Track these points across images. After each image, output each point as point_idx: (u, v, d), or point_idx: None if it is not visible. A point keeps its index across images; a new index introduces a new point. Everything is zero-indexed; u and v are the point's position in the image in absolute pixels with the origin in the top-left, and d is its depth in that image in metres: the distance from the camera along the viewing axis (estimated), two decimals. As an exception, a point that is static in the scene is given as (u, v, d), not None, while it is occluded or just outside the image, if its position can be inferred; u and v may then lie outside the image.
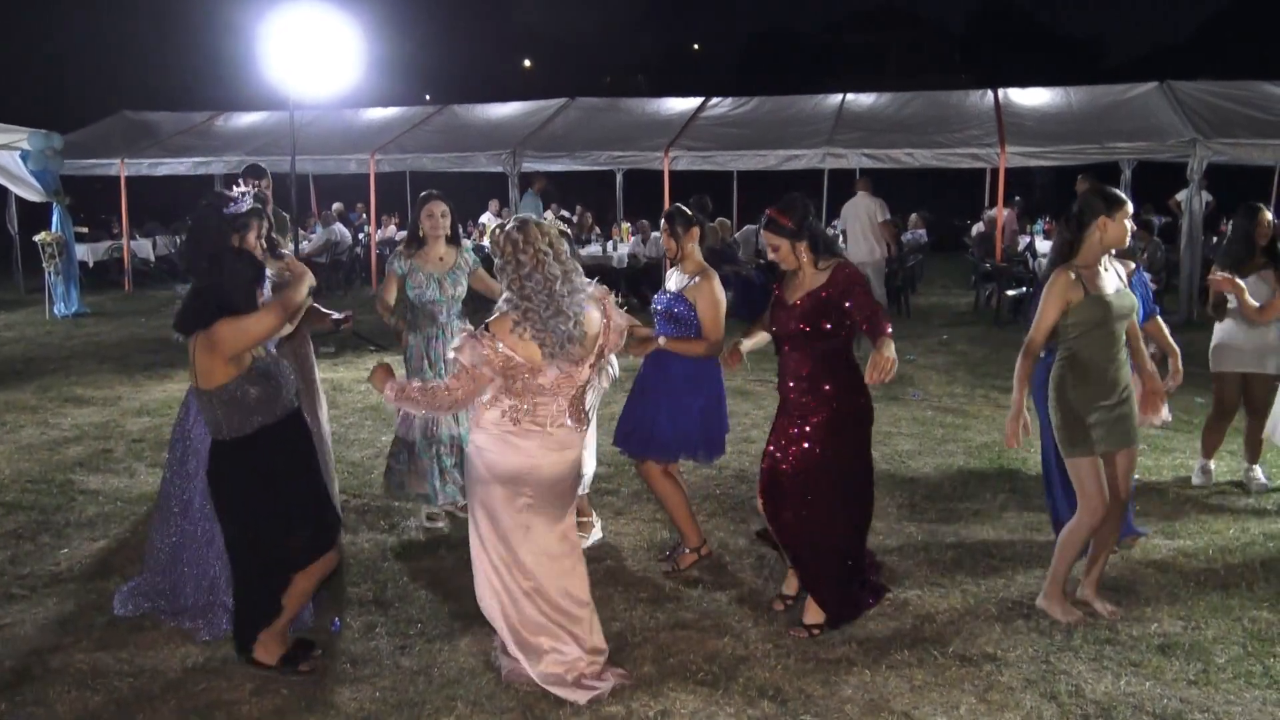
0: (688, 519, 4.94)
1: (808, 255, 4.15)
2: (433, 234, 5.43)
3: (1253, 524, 5.49)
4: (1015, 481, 6.26)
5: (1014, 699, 3.72)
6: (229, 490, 3.81)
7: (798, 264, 4.17)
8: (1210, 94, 13.68)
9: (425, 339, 5.46)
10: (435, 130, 16.62)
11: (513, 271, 3.60)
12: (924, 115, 14.75)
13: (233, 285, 3.72)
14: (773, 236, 4.18)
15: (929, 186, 19.26)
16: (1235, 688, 3.79)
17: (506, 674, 3.88)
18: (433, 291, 5.40)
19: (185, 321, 3.72)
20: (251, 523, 3.79)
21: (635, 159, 14.96)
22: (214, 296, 3.69)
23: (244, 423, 3.72)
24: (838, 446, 4.17)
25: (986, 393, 8.65)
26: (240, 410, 3.70)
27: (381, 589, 4.77)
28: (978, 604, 4.53)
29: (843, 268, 4.14)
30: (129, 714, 3.70)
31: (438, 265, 5.44)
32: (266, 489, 3.77)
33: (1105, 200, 4.15)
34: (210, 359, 3.64)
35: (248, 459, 3.76)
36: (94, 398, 8.79)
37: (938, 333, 11.77)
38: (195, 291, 3.76)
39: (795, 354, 4.20)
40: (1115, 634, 4.22)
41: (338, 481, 5.69)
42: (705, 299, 4.67)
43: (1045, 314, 4.19)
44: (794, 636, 4.20)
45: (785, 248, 4.15)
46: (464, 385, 3.64)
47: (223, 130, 17.69)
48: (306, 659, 3.99)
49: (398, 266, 5.48)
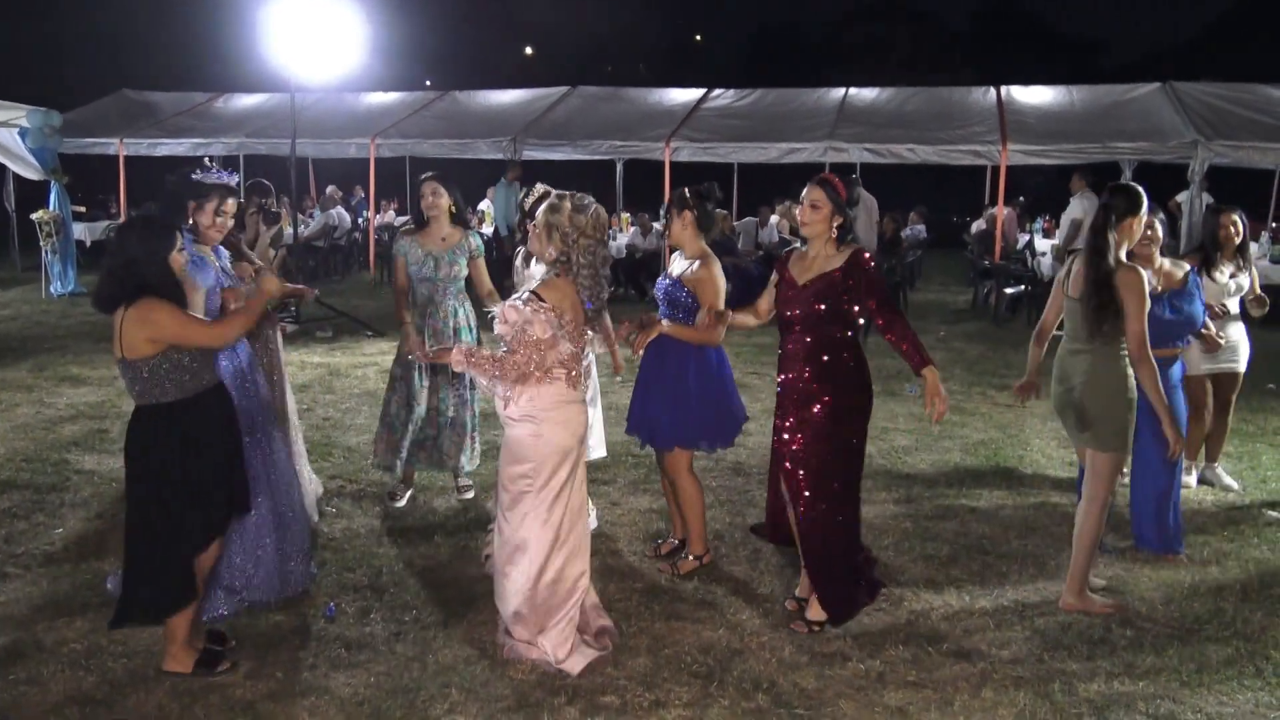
0: (700, 526, 4.88)
1: (834, 233, 4.15)
2: (431, 213, 5.46)
3: (1246, 526, 5.50)
4: (1011, 479, 6.27)
5: (1007, 696, 3.73)
6: (144, 457, 3.71)
7: (824, 234, 4.15)
8: (1213, 96, 13.67)
9: (421, 316, 5.50)
10: (436, 116, 16.57)
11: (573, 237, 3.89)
12: (926, 111, 14.72)
13: (144, 255, 3.63)
14: (822, 196, 4.13)
15: (930, 183, 19.24)
16: (1228, 689, 3.80)
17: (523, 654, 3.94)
18: (429, 269, 5.44)
19: (103, 300, 3.66)
20: (164, 493, 3.69)
21: (636, 149, 14.93)
22: (129, 271, 3.62)
23: (163, 392, 3.66)
24: (839, 437, 4.17)
25: (984, 390, 8.66)
26: (161, 381, 3.65)
27: (376, 574, 4.77)
28: (972, 601, 4.54)
29: (860, 253, 4.14)
30: (122, 694, 3.69)
31: (439, 245, 5.47)
32: (183, 459, 3.70)
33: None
34: (138, 333, 3.59)
35: (167, 427, 3.68)
36: (90, 377, 8.77)
37: (935, 329, 11.77)
38: (109, 268, 3.67)
39: (804, 337, 4.17)
40: (1109, 633, 4.23)
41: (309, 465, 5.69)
42: (705, 285, 4.64)
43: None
44: (794, 630, 4.20)
45: (827, 212, 4.12)
46: (525, 355, 3.80)
47: (223, 111, 17.62)
48: (221, 658, 3.89)
49: (398, 248, 5.56)
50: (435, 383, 5.58)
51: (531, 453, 3.89)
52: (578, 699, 3.68)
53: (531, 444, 3.89)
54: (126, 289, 3.62)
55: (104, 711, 3.59)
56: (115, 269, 3.65)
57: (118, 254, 3.68)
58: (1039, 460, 6.65)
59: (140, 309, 3.59)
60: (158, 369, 3.64)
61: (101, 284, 3.70)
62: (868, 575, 4.46)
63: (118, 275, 3.64)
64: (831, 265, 4.11)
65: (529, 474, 3.90)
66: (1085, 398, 4.33)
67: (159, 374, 3.65)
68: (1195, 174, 12.23)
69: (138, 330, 3.59)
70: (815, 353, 4.15)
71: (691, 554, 4.87)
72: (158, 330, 3.60)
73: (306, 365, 9.31)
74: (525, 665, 3.88)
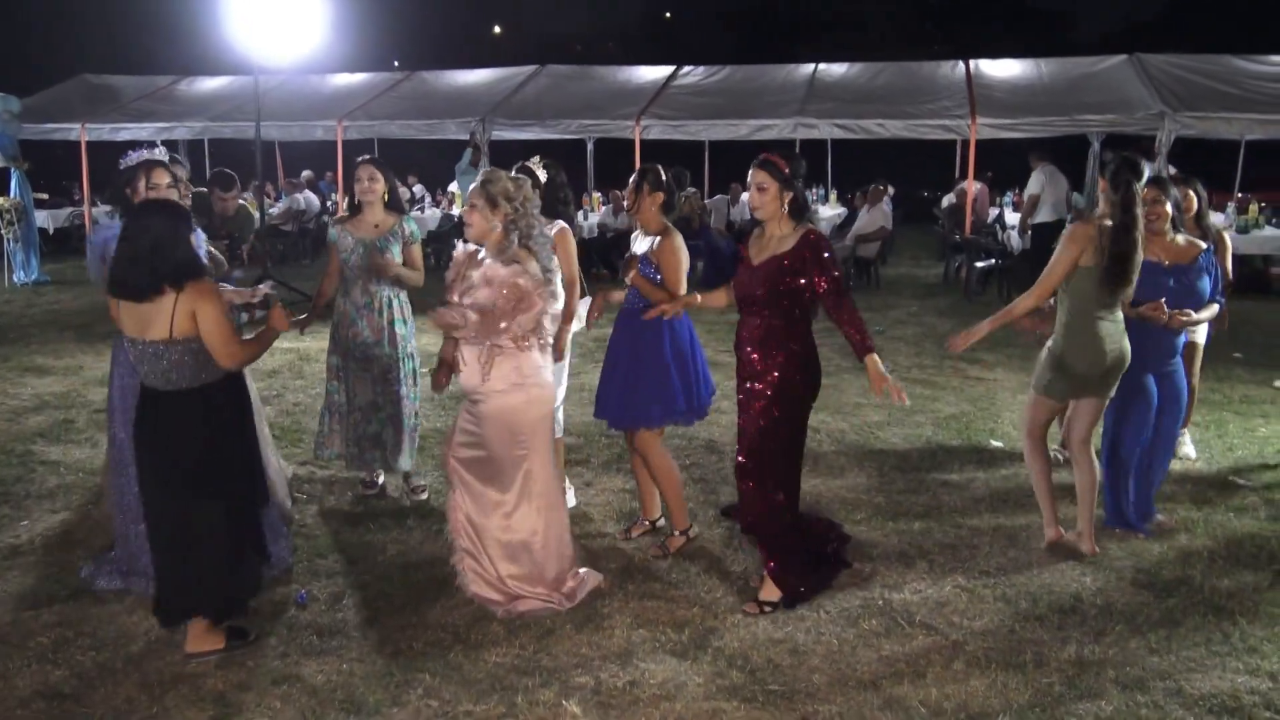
0: (680, 500, 4.87)
1: (786, 209, 4.12)
2: (366, 198, 5.31)
3: (1214, 493, 5.57)
4: (983, 452, 6.31)
5: (979, 668, 3.75)
6: (196, 437, 3.74)
7: (776, 214, 4.13)
8: (1179, 67, 13.75)
9: (353, 306, 5.36)
10: (404, 97, 16.41)
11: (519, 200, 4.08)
12: (896, 86, 14.73)
13: (171, 237, 3.65)
14: (765, 177, 4.10)
15: (900, 158, 19.28)
16: (1196, 655, 3.84)
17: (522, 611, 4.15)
18: (359, 257, 5.28)
19: (132, 287, 3.63)
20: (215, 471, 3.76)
21: (606, 128, 14.86)
22: (160, 255, 3.62)
23: (209, 372, 3.75)
24: (782, 418, 4.16)
25: (955, 364, 8.69)
26: (205, 361, 3.73)
27: (348, 560, 4.73)
28: (945, 574, 4.56)
29: (809, 235, 4.09)
30: (91, 687, 3.65)
31: (371, 231, 5.31)
32: (240, 429, 3.88)
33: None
34: (191, 309, 3.63)
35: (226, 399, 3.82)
36: (55, 367, 8.65)
37: (907, 304, 11.81)
38: (133, 255, 3.63)
39: (753, 319, 4.17)
40: (1079, 603, 4.27)
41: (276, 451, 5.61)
42: (668, 257, 4.62)
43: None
44: (746, 613, 4.19)
45: (774, 191, 4.09)
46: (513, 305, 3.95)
47: (186, 95, 17.37)
48: (246, 631, 3.97)
49: (330, 235, 5.43)
50: (372, 375, 5.40)
51: (524, 419, 4.11)
52: (553, 680, 3.67)
53: (524, 410, 4.10)
54: (161, 273, 3.61)
55: (73, 705, 3.55)
56: (143, 254, 3.62)
57: (141, 239, 3.64)
58: (1010, 433, 6.69)
59: (200, 290, 3.65)
60: (197, 348, 3.70)
61: (126, 271, 3.65)
62: (829, 555, 4.47)
63: (148, 261, 3.62)
64: (784, 246, 4.09)
65: (524, 441, 4.14)
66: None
67: (203, 355, 3.71)
68: (1162, 145, 12.31)
69: (192, 305, 3.63)
70: (764, 334, 4.13)
71: (677, 530, 4.86)
72: (204, 316, 3.65)
73: (275, 350, 9.19)
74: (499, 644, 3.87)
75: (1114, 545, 4.86)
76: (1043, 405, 4.85)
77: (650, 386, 4.67)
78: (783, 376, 4.13)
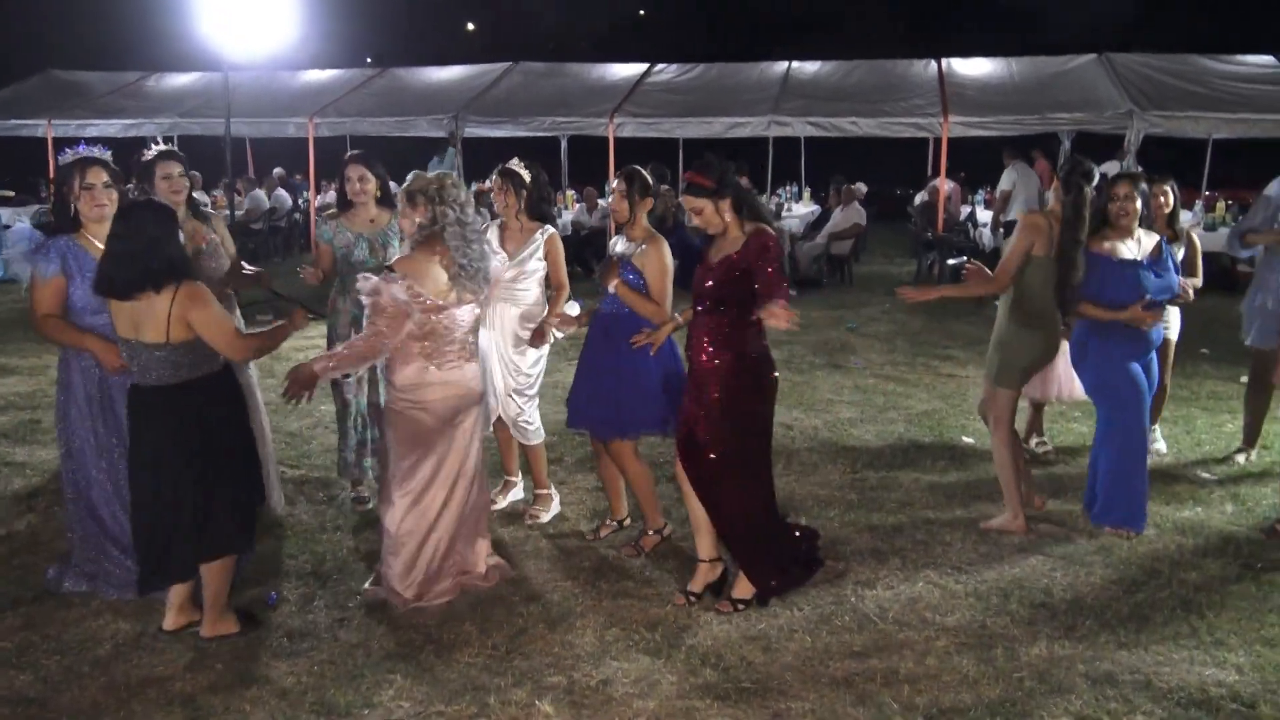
0: (653, 500, 4.85)
1: (731, 215, 4.10)
2: (357, 198, 5.23)
3: (1181, 488, 5.62)
4: (954, 449, 6.34)
5: (951, 663, 3.78)
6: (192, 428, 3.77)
7: (723, 224, 4.12)
8: (1147, 67, 13.89)
9: (357, 303, 5.16)
10: (376, 94, 16.30)
11: (436, 197, 4.02)
12: (868, 84, 14.78)
13: (163, 234, 3.68)
14: (693, 200, 4.10)
15: (873, 156, 19.35)
16: (1165, 649, 3.88)
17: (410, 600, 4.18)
18: (361, 252, 5.16)
19: (122, 285, 3.64)
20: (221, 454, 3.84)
21: (580, 125, 14.83)
22: (152, 253, 3.63)
23: (209, 364, 3.82)
24: (739, 417, 4.15)
25: (927, 361, 8.74)
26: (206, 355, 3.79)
27: (320, 561, 4.70)
28: (917, 570, 4.58)
29: (759, 235, 4.07)
30: (57, 692, 3.60)
31: (367, 227, 5.23)
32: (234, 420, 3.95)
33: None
34: (187, 314, 3.66)
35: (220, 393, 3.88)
36: (19, 366, 8.53)
37: (880, 302, 11.86)
38: (124, 253, 3.64)
39: (706, 317, 4.14)
40: (1050, 598, 4.30)
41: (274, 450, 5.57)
42: (654, 265, 4.56)
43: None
44: (720, 611, 4.18)
45: (708, 209, 4.08)
46: (382, 326, 3.94)
47: (154, 91, 17.18)
48: (254, 615, 4.10)
49: (323, 232, 5.30)
50: (373, 376, 5.29)
51: (406, 425, 4.12)
52: (525, 680, 3.66)
53: (403, 420, 4.13)
54: (153, 272, 3.63)
55: (38, 710, 3.50)
56: (136, 253, 3.63)
57: (132, 238, 3.65)
58: (981, 429, 6.70)
59: (192, 293, 3.68)
60: (198, 347, 3.73)
61: (117, 269, 3.65)
62: (802, 553, 4.47)
63: (140, 259, 3.62)
64: (734, 248, 4.09)
65: (403, 453, 4.16)
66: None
67: (200, 351, 3.74)
68: (1131, 144, 12.43)
69: (186, 313, 3.66)
70: (715, 334, 4.11)
71: (652, 529, 4.85)
72: (201, 319, 3.68)
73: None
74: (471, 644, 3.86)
75: (1084, 540, 4.90)
76: (1004, 396, 5.00)
77: (634, 396, 4.61)
78: (737, 377, 4.12)
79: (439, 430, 4.14)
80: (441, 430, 4.15)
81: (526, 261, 5.04)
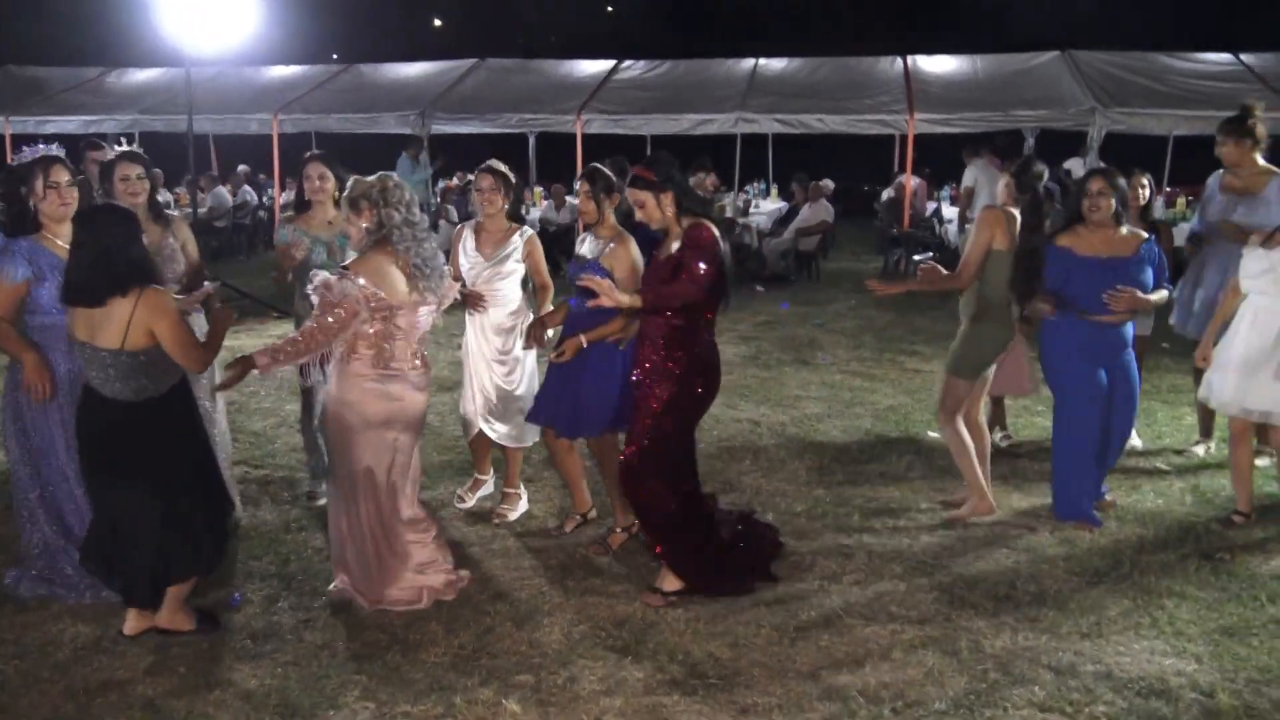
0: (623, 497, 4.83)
1: (673, 210, 4.11)
2: (315, 197, 5.15)
3: (1142, 480, 5.70)
4: (920, 444, 6.38)
5: (916, 656, 3.80)
6: (148, 446, 3.72)
7: (663, 218, 4.13)
8: (1109, 64, 14.05)
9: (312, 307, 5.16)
10: (341, 90, 16.15)
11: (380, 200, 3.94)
12: (835, 81, 14.84)
13: (125, 239, 3.64)
14: (637, 192, 4.12)
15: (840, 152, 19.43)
16: (1125, 639, 3.93)
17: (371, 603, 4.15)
18: (319, 256, 5.06)
19: (87, 291, 3.60)
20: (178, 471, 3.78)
21: (547, 122, 14.77)
22: (114, 258, 3.59)
23: (157, 383, 3.74)
24: (673, 414, 4.16)
25: (894, 357, 8.79)
26: (159, 368, 3.72)
27: (284, 562, 4.66)
28: (883, 564, 4.61)
29: (694, 228, 4.06)
30: (15, 696, 3.55)
31: (325, 229, 5.14)
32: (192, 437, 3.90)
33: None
34: (147, 323, 3.61)
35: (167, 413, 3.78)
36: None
37: (846, 298, 11.92)
38: (86, 260, 3.60)
39: (654, 316, 4.13)
40: (1013, 590, 4.34)
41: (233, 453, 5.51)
42: (623, 265, 4.55)
43: None
44: (645, 603, 4.18)
45: (650, 202, 4.10)
46: (329, 322, 3.85)
47: (115, 87, 16.94)
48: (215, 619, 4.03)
49: (281, 235, 5.19)
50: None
51: (340, 425, 4.04)
52: (492, 679, 3.64)
53: (337, 419, 4.05)
54: (115, 277, 3.58)
55: (-6, 715, 3.45)
56: (98, 259, 3.58)
57: (93, 244, 3.60)
58: (947, 424, 6.77)
59: (156, 300, 3.63)
60: (147, 359, 3.66)
61: (84, 277, 3.61)
62: (744, 559, 4.46)
63: (102, 265, 3.58)
64: (676, 244, 4.10)
65: (334, 448, 4.14)
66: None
67: (148, 365, 3.66)
68: (1093, 141, 12.58)
69: (149, 320, 3.61)
70: (662, 331, 4.11)
71: (620, 526, 4.84)
72: (164, 328, 3.63)
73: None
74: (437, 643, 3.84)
75: (1046, 533, 4.95)
76: (956, 385, 5.10)
77: (609, 392, 4.59)
78: (680, 375, 4.12)
79: (362, 433, 4.01)
80: (365, 434, 4.01)
81: (504, 263, 5.01)
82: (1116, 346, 5.00)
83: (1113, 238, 4.92)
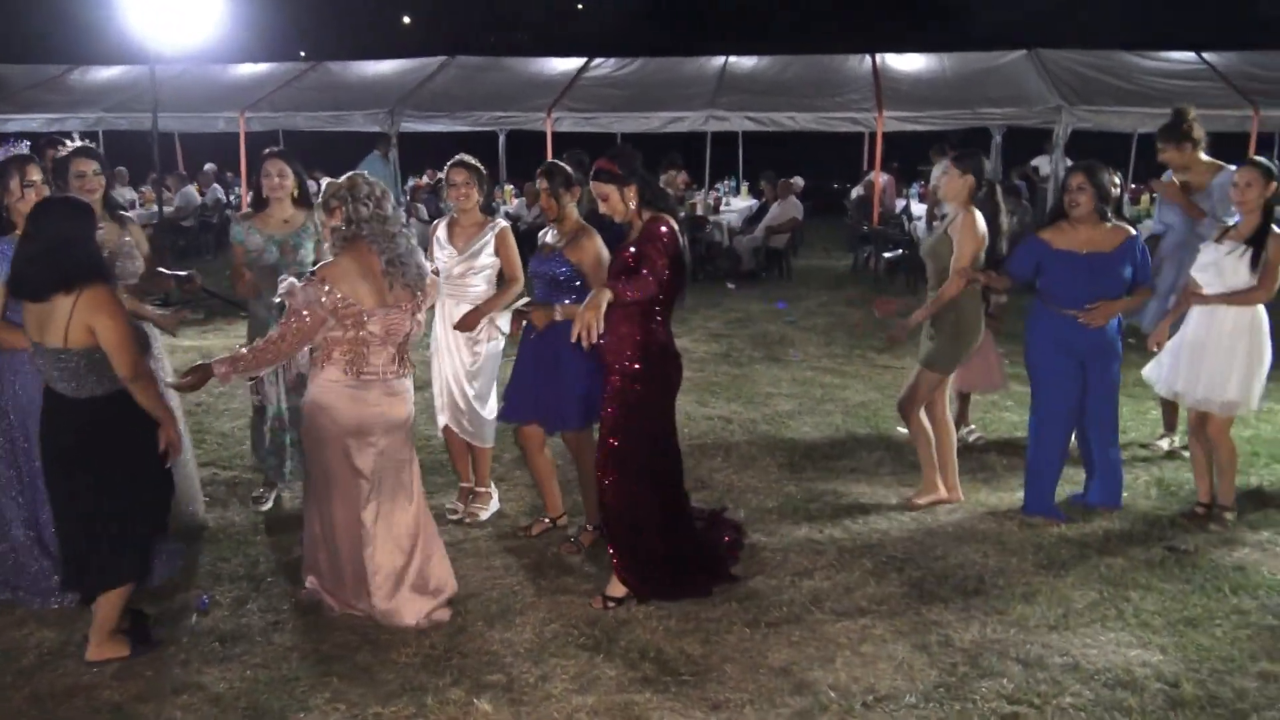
0: (593, 496, 4.80)
1: (635, 203, 4.12)
2: (274, 195, 5.09)
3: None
4: (890, 440, 6.42)
5: (887, 651, 3.83)
6: (92, 447, 3.63)
7: (626, 212, 4.14)
8: (1075, 62, 14.22)
9: (267, 307, 4.98)
10: (309, 88, 16.03)
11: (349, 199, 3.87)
12: (805, 79, 14.93)
13: (76, 235, 3.57)
14: (600, 185, 4.12)
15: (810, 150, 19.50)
16: (1092, 631, 3.98)
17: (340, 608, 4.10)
18: (271, 255, 5.01)
19: (34, 286, 3.53)
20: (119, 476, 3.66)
21: (518, 120, 14.75)
22: (63, 253, 3.51)
23: (98, 384, 3.61)
24: (635, 411, 4.15)
25: (864, 353, 8.84)
26: (100, 371, 3.60)
27: (253, 564, 4.62)
28: (853, 560, 4.64)
29: (653, 220, 4.08)
30: (-22, 704, 3.50)
31: (280, 227, 5.07)
32: (138, 443, 3.70)
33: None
34: (87, 320, 3.51)
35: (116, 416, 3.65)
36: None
37: (817, 295, 11.97)
38: (35, 254, 3.53)
39: (616, 310, 4.07)
40: (983, 584, 4.38)
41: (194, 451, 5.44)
42: (589, 257, 4.54)
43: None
44: (592, 607, 4.17)
45: (613, 195, 4.11)
46: (294, 330, 3.79)
47: (79, 85, 16.73)
48: (147, 632, 3.89)
49: (236, 233, 5.14)
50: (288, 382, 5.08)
51: (314, 430, 3.98)
52: (463, 679, 3.63)
53: (311, 423, 3.99)
54: (62, 272, 3.49)
55: (-43, 723, 3.40)
56: (47, 253, 3.51)
57: (44, 238, 3.53)
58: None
59: (97, 297, 3.52)
60: (94, 358, 3.56)
61: (28, 269, 3.54)
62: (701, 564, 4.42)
63: (50, 259, 3.50)
64: (636, 238, 4.12)
65: (309, 452, 4.08)
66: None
67: (95, 364, 3.56)
68: (1059, 138, 12.71)
69: (89, 318, 3.50)
70: (623, 325, 4.08)
71: (591, 524, 4.82)
72: (103, 325, 3.52)
73: (177, 349, 8.91)
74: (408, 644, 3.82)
75: (1014, 527, 5.00)
76: (925, 378, 5.22)
77: (590, 384, 4.54)
78: (641, 369, 4.12)
79: (336, 438, 3.92)
80: (339, 439, 3.92)
81: (477, 256, 4.99)
82: (1098, 343, 5.00)
83: (1094, 233, 4.93)
